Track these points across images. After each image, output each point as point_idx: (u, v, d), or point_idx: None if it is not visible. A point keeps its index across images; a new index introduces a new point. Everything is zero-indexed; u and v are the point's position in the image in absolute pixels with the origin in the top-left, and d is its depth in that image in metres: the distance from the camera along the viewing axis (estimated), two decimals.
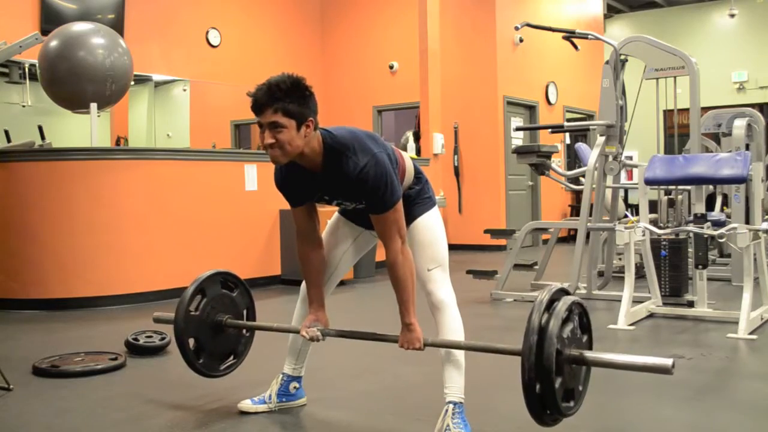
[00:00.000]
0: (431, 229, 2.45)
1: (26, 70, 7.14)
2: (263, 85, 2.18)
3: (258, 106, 2.17)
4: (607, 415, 2.76)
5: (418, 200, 2.46)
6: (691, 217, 5.00)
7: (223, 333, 2.70)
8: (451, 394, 2.39)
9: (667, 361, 1.91)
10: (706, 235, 4.42)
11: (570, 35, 5.91)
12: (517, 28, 6.20)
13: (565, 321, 1.95)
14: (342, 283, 2.74)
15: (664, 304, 4.75)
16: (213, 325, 2.66)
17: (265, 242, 6.23)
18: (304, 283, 2.61)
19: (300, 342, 2.68)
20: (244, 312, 2.80)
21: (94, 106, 5.60)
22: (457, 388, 2.39)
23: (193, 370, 2.67)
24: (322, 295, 2.53)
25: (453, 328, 2.41)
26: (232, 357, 2.78)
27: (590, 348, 2.11)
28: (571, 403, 2.00)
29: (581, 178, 5.74)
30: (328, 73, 10.67)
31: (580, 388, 2.04)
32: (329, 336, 2.49)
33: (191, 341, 2.63)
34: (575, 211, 10.25)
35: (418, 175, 2.50)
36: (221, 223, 5.88)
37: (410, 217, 2.43)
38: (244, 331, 2.80)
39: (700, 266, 4.46)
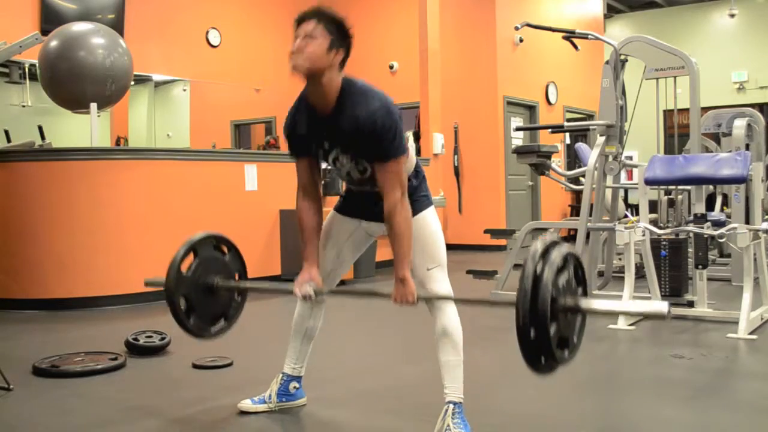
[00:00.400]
0: (429, 228, 2.44)
1: (26, 70, 7.14)
2: (315, 5, 2.33)
3: (302, 17, 2.29)
4: (608, 414, 2.76)
5: (415, 197, 2.43)
6: (691, 217, 5.00)
7: (215, 295, 2.64)
8: (450, 394, 2.39)
9: (663, 306, 1.90)
10: (706, 235, 4.42)
11: (570, 35, 5.91)
12: (517, 28, 6.19)
13: (560, 270, 1.94)
14: (342, 282, 2.74)
15: None
16: (204, 286, 2.61)
17: (265, 242, 6.23)
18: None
19: (299, 342, 2.68)
20: (236, 276, 2.77)
21: (94, 106, 5.60)
22: (456, 388, 2.39)
23: (183, 330, 2.59)
24: (317, 253, 2.50)
25: (452, 326, 2.40)
26: (222, 320, 2.70)
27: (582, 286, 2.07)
28: (566, 352, 1.97)
29: (581, 178, 5.74)
30: None
31: (575, 338, 2.01)
32: (322, 294, 2.47)
33: (182, 302, 2.57)
34: (575, 211, 10.25)
35: (417, 169, 2.49)
36: (221, 223, 5.87)
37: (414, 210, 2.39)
38: (236, 296, 2.76)
39: (700, 266, 4.46)
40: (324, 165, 2.55)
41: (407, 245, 2.29)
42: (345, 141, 2.33)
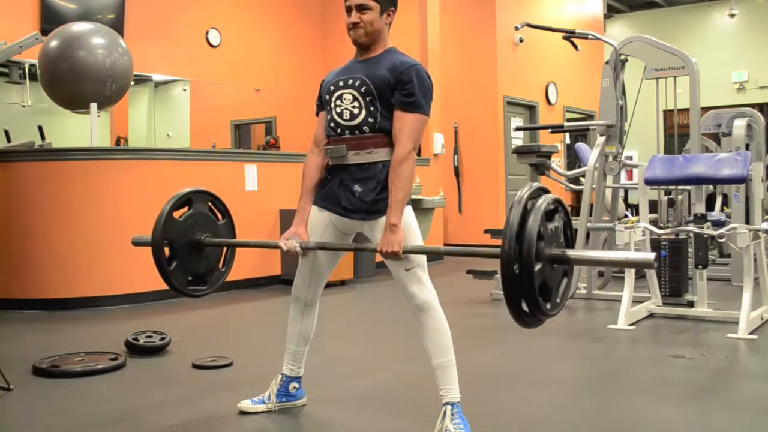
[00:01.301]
0: (408, 227, 2.39)
1: (26, 70, 7.14)
2: None
3: None
4: (608, 414, 2.76)
5: None
6: (691, 217, 5.00)
7: (200, 253, 2.64)
8: (447, 395, 2.38)
9: (649, 255, 1.89)
10: (706, 235, 4.42)
11: (570, 35, 5.91)
12: (517, 28, 6.20)
13: (546, 217, 1.93)
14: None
15: (664, 304, 4.75)
16: (191, 239, 2.61)
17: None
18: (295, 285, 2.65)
19: (295, 343, 2.68)
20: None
21: (94, 106, 5.60)
22: (452, 388, 2.38)
23: (160, 274, 2.57)
24: (309, 209, 2.56)
25: (439, 328, 2.38)
26: (201, 283, 2.69)
27: (570, 247, 2.06)
28: (549, 305, 1.94)
29: (581, 178, 5.74)
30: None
31: (560, 290, 1.99)
32: (308, 249, 2.49)
33: (166, 248, 2.56)
34: (575, 211, 10.25)
35: None
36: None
37: (384, 210, 2.37)
38: (221, 266, 2.76)
39: (700, 266, 4.46)
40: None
41: (405, 193, 2.33)
42: (372, 77, 2.41)
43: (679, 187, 5.64)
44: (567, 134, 10.74)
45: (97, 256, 5.26)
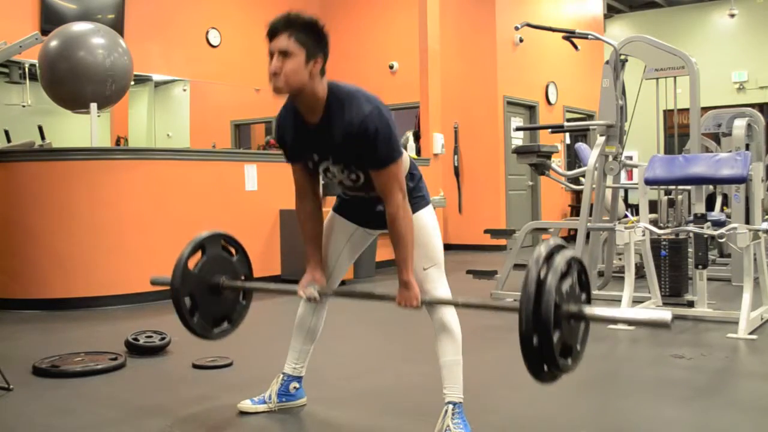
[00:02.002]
0: (425, 228, 2.42)
1: (26, 70, 7.15)
2: (283, 13, 2.22)
3: (273, 31, 2.20)
4: (608, 414, 2.76)
5: (411, 198, 2.40)
6: (691, 217, 5.00)
7: (220, 295, 2.62)
8: (450, 394, 2.39)
9: (666, 315, 1.87)
10: (706, 235, 4.42)
11: (570, 35, 5.91)
12: (517, 28, 6.19)
13: (564, 275, 1.91)
14: (342, 283, 2.74)
15: (664, 304, 4.75)
16: (210, 285, 2.59)
17: (265, 242, 6.23)
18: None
19: (301, 342, 2.68)
20: (242, 278, 2.76)
21: (94, 106, 5.60)
22: (456, 389, 2.39)
23: (186, 329, 2.56)
24: (320, 255, 2.50)
25: (450, 327, 2.40)
26: (226, 323, 2.69)
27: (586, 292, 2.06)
28: (569, 360, 1.95)
29: (581, 178, 5.74)
30: (328, 73, 10.60)
31: (578, 346, 1.99)
32: (326, 296, 2.48)
33: (187, 299, 2.55)
34: (575, 211, 10.25)
35: (412, 171, 2.46)
36: (221, 223, 5.87)
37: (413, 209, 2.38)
38: (241, 299, 2.75)
39: (700, 266, 4.46)
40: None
41: (410, 249, 2.28)
42: (336, 151, 2.29)
43: (679, 187, 5.64)
44: (567, 134, 10.74)
45: (97, 256, 5.26)
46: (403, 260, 2.28)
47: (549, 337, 1.85)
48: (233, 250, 2.72)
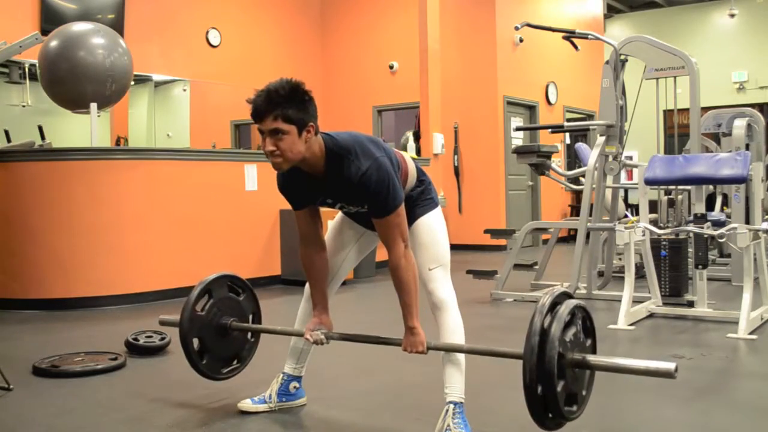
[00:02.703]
0: (433, 229, 2.45)
1: (26, 70, 7.14)
2: (262, 91, 2.16)
3: (258, 114, 2.15)
4: (608, 415, 2.76)
5: (419, 201, 2.46)
6: (691, 217, 5.00)
7: (228, 336, 2.70)
8: (451, 394, 2.39)
9: (671, 366, 1.90)
10: (706, 235, 4.42)
11: (570, 35, 5.91)
12: (517, 28, 6.20)
13: (568, 324, 1.94)
14: (342, 283, 2.74)
15: (664, 304, 4.75)
16: (218, 327, 2.65)
17: (265, 242, 6.23)
18: (307, 285, 2.62)
19: (302, 342, 2.68)
20: (250, 317, 2.79)
21: (94, 106, 5.60)
22: (457, 388, 2.39)
23: (195, 371, 2.67)
24: (326, 298, 2.53)
25: (453, 328, 2.41)
26: (235, 361, 2.78)
27: (593, 352, 2.10)
28: (574, 407, 1.98)
29: (581, 178, 5.74)
30: (328, 73, 10.67)
31: (584, 392, 2.03)
32: (333, 339, 2.50)
33: (195, 341, 2.62)
34: (575, 211, 10.25)
35: (422, 178, 2.50)
36: (221, 223, 5.88)
37: (412, 218, 2.43)
38: (249, 336, 2.79)
39: (700, 266, 4.46)
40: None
41: (414, 296, 2.31)
42: (348, 196, 2.33)
43: (679, 187, 5.64)
44: (567, 134, 10.74)
45: (97, 256, 5.26)
46: (407, 307, 2.32)
47: (553, 388, 1.88)
48: (240, 290, 2.75)
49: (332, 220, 2.69)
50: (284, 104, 2.13)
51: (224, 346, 2.71)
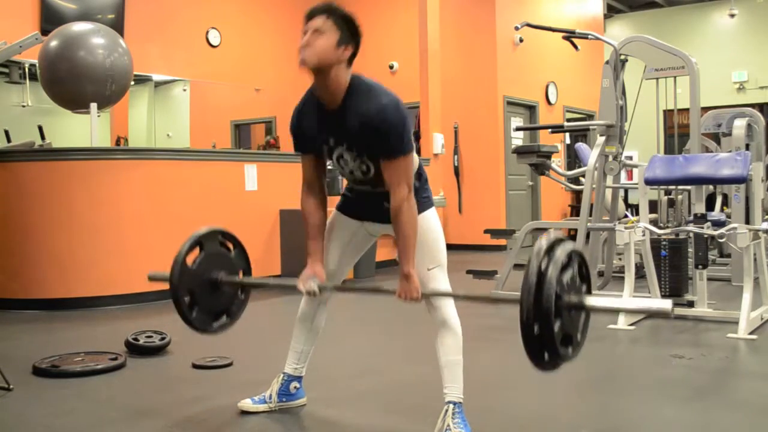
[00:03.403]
0: (429, 229, 2.44)
1: (26, 70, 7.15)
2: (325, 1, 2.30)
3: (312, 12, 2.27)
4: (608, 414, 2.76)
5: (417, 198, 2.42)
6: (691, 217, 5.00)
7: (218, 290, 2.65)
8: (450, 394, 2.39)
9: (667, 304, 1.90)
10: (706, 235, 4.42)
11: (570, 35, 5.91)
12: (517, 28, 6.20)
13: (564, 267, 1.94)
14: (342, 282, 2.74)
15: None
16: (208, 281, 2.62)
17: (265, 242, 6.23)
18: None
19: (302, 342, 2.68)
20: (240, 273, 2.77)
21: (94, 106, 5.60)
22: (456, 388, 2.39)
23: (186, 324, 2.59)
24: (321, 250, 2.50)
25: (450, 327, 2.40)
26: (225, 317, 2.71)
27: (586, 283, 2.08)
28: (570, 349, 1.97)
29: (581, 178, 5.74)
30: None
31: (579, 336, 2.01)
32: (326, 290, 2.48)
33: (186, 295, 2.56)
34: (575, 211, 10.25)
35: (420, 171, 2.48)
36: (221, 223, 5.79)
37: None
38: (240, 293, 2.76)
39: (700, 266, 4.46)
40: (328, 163, 2.55)
41: (413, 242, 2.30)
42: (351, 137, 2.32)
43: (679, 187, 5.64)
44: (567, 134, 10.74)
45: (97, 256, 5.26)
46: (404, 252, 2.30)
47: (550, 326, 1.88)
48: (231, 246, 2.73)
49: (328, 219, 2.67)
50: (339, 15, 2.27)
51: (214, 301, 2.65)
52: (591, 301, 2.00)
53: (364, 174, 2.39)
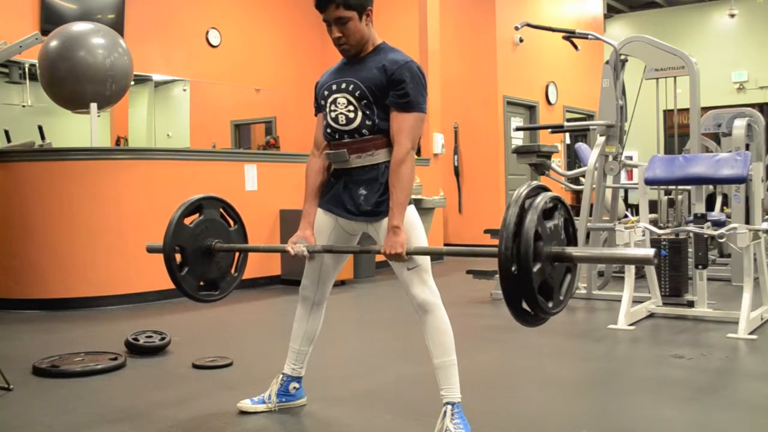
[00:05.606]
0: (413, 225, 2.39)
1: (26, 70, 7.14)
2: None
3: (321, 3, 2.34)
4: (608, 414, 2.76)
5: None
6: (691, 217, 5.00)
7: (211, 259, 2.65)
8: (447, 395, 2.37)
9: (649, 252, 1.86)
10: (706, 235, 4.42)
11: (570, 35, 5.92)
12: (517, 28, 6.20)
13: (546, 216, 1.91)
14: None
15: (664, 304, 4.75)
16: (202, 245, 2.62)
17: (265, 242, 6.22)
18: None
19: (299, 343, 2.68)
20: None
21: (94, 106, 5.60)
22: (453, 388, 2.38)
23: (173, 283, 2.60)
24: (314, 213, 2.55)
25: (441, 328, 2.38)
26: (213, 289, 2.72)
27: (572, 245, 2.04)
28: (551, 304, 1.92)
29: (581, 178, 5.74)
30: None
31: (563, 288, 1.97)
32: (315, 252, 2.49)
33: (177, 254, 2.58)
34: (575, 211, 10.24)
35: None
36: None
37: (387, 212, 2.36)
38: (233, 271, 2.77)
39: (700, 266, 4.46)
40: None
41: (406, 195, 2.32)
42: (363, 79, 2.37)
43: (679, 187, 5.64)
44: (567, 134, 10.74)
45: (97, 256, 5.26)
46: (396, 204, 2.31)
47: (529, 277, 1.83)
48: (231, 222, 2.75)
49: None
50: None
51: (205, 268, 2.66)
52: (573, 250, 1.96)
53: (347, 121, 2.40)
